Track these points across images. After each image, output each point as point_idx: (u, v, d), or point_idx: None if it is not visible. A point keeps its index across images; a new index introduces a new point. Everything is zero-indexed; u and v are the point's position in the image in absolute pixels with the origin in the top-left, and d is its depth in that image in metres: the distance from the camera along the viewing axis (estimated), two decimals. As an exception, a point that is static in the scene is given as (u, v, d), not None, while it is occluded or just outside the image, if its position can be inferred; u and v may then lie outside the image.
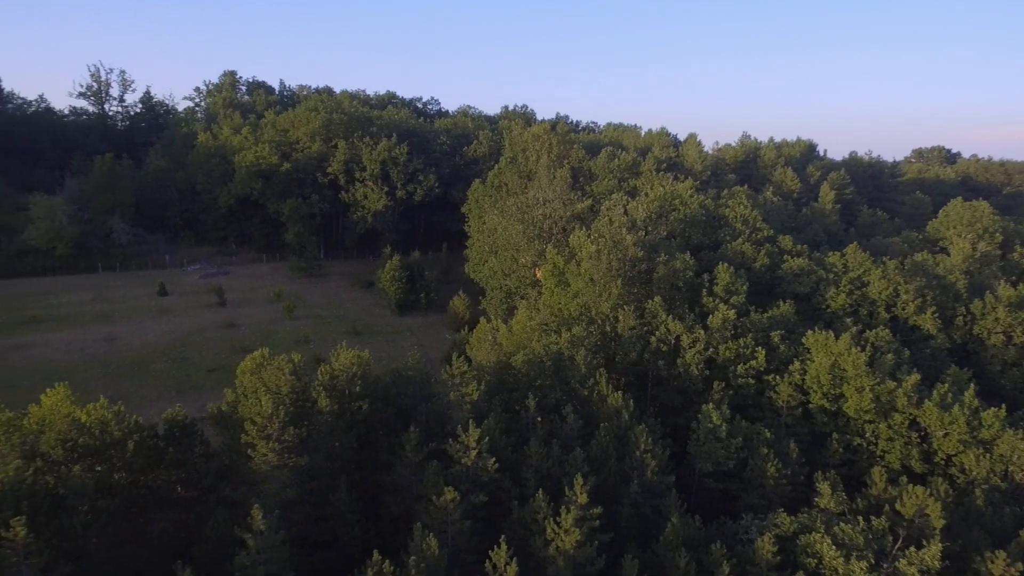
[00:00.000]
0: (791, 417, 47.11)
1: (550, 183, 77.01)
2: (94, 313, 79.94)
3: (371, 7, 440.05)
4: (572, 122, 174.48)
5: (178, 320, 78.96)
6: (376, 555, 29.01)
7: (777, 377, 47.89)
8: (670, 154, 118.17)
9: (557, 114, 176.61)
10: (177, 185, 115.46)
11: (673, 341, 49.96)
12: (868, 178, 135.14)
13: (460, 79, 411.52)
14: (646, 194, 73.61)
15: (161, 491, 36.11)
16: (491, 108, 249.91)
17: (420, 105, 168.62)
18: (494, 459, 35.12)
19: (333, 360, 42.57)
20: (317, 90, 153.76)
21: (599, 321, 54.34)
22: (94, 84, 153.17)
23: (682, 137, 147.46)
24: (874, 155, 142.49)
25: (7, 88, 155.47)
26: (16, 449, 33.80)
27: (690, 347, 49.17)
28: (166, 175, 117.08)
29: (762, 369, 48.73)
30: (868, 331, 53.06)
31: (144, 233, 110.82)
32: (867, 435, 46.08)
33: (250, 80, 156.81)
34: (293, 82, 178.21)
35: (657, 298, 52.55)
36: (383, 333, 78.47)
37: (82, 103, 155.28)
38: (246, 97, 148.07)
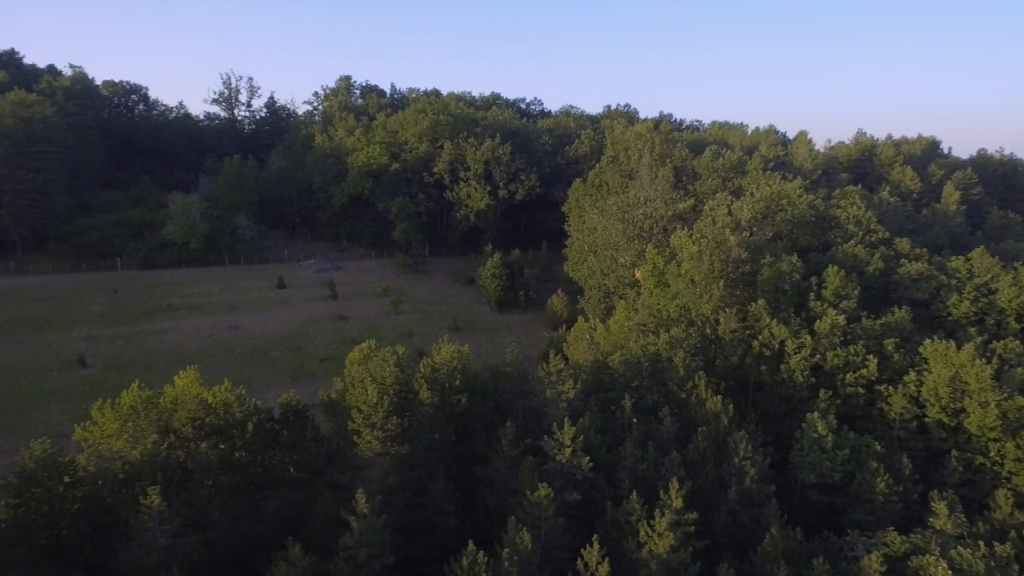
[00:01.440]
0: (904, 431, 44.13)
1: (652, 182, 75.63)
2: (221, 303, 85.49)
3: (477, 9, 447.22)
4: (675, 120, 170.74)
5: (294, 311, 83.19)
6: (471, 545, 29.46)
7: (890, 388, 44.95)
8: (778, 152, 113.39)
9: (660, 113, 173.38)
10: (296, 184, 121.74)
11: (777, 346, 47.92)
12: (999, 177, 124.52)
13: (563, 80, 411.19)
14: (751, 194, 70.93)
15: (275, 471, 38.07)
16: (593, 108, 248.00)
17: (523, 106, 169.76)
18: (588, 458, 34.88)
19: (435, 354, 43.54)
20: (425, 93, 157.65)
21: (699, 323, 52.87)
22: (225, 91, 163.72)
23: (791, 135, 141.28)
24: (1006, 153, 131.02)
25: (153, 96, 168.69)
26: (153, 425, 36.51)
27: (795, 353, 47.01)
28: (286, 175, 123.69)
29: (873, 379, 45.87)
30: (995, 342, 48.92)
31: (266, 229, 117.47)
32: (991, 454, 42.42)
33: (363, 84, 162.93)
34: (403, 85, 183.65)
35: (761, 301, 50.53)
36: (483, 329, 79.62)
37: (215, 109, 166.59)
38: (359, 101, 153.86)
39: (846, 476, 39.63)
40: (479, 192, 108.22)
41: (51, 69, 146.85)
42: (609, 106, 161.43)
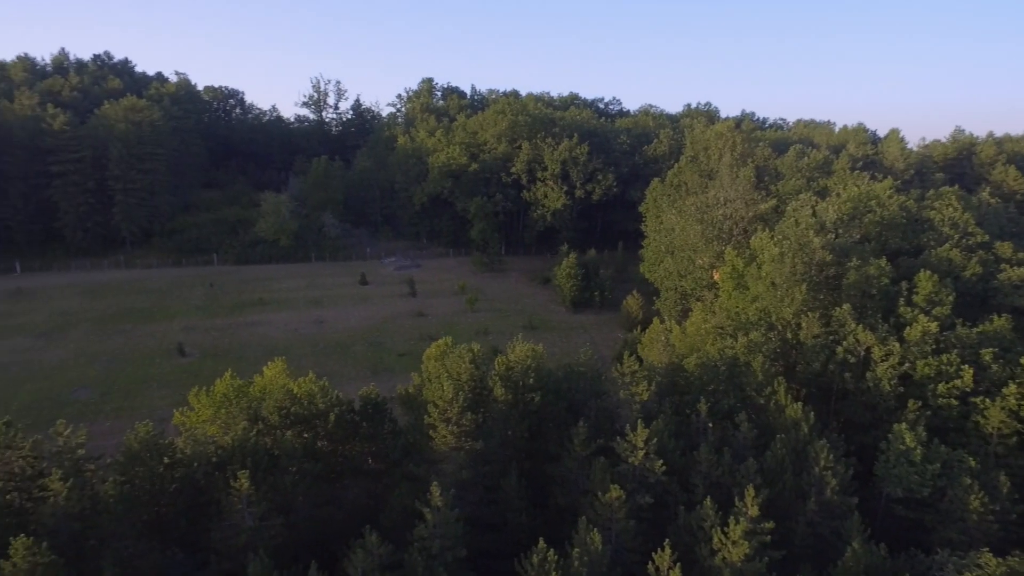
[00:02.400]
0: (1003, 446, 41.30)
1: (732, 182, 73.64)
2: (307, 298, 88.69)
3: (556, 10, 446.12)
4: (758, 119, 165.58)
5: (375, 307, 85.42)
6: (541, 543, 29.50)
7: (987, 400, 42.14)
8: (867, 151, 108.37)
9: (743, 111, 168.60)
10: (379, 184, 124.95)
11: (862, 353, 45.80)
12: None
13: (642, 78, 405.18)
14: (838, 194, 68.04)
15: (355, 461, 39.18)
16: (673, 107, 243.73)
17: (602, 105, 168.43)
18: (662, 461, 34.32)
19: (509, 352, 43.78)
20: (504, 93, 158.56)
21: (779, 327, 51.14)
22: (315, 94, 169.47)
23: (882, 133, 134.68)
24: None
25: (248, 101, 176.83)
26: (243, 412, 38.27)
27: (882, 360, 44.78)
28: (370, 175, 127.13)
29: (968, 390, 43.12)
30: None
31: (350, 227, 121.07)
32: (1099, 474, 39.32)
33: (445, 86, 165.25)
34: (483, 87, 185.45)
35: (846, 305, 48.40)
36: (557, 329, 79.55)
37: (305, 112, 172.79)
38: (441, 102, 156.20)
39: (936, 492, 37.45)
40: (556, 192, 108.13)
41: (159, 76, 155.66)
42: (689, 105, 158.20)
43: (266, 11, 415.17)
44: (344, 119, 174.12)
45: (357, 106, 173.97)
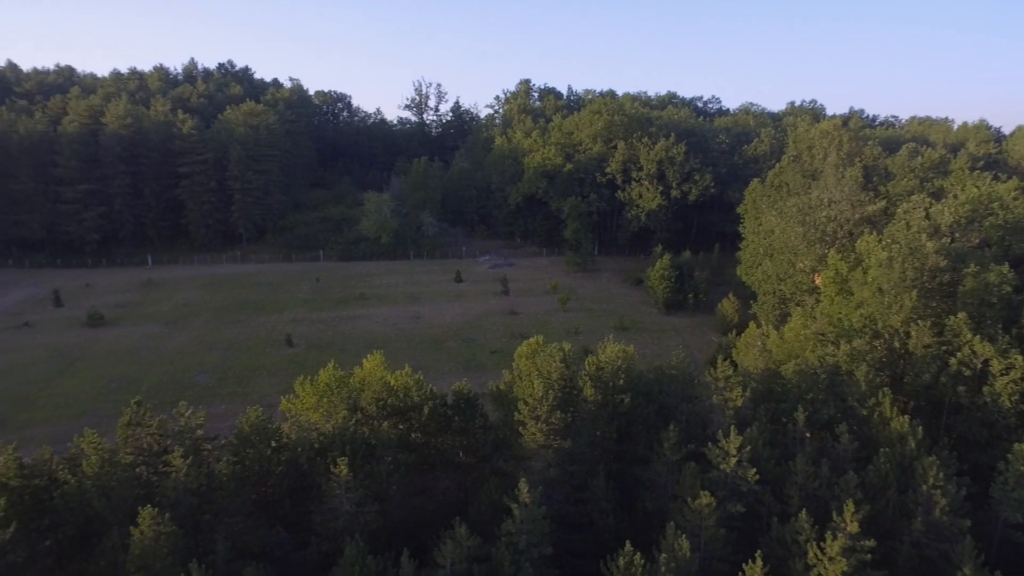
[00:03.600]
0: None
1: (837, 183, 70.04)
2: (405, 294, 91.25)
3: (655, 8, 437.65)
4: (867, 116, 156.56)
5: (469, 305, 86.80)
6: (628, 546, 29.11)
7: (1125, 421, 38.28)
8: (990, 150, 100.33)
9: (851, 108, 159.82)
10: (475, 184, 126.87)
11: (979, 365, 42.46)
12: None
13: (743, 76, 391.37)
14: (955, 196, 63.38)
15: (446, 454, 39.97)
16: (775, 104, 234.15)
17: (700, 104, 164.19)
18: (755, 470, 33.10)
19: (600, 352, 43.42)
20: (601, 94, 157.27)
21: (886, 336, 48.19)
22: (417, 97, 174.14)
23: (1007, 130, 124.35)
24: None
25: (355, 104, 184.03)
26: (344, 402, 39.84)
27: (1002, 374, 41.35)
28: (467, 175, 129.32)
29: (1100, 409, 39.29)
30: None
31: (447, 226, 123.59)
32: None
33: (542, 87, 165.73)
34: (580, 87, 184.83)
35: (962, 314, 45.00)
36: (649, 330, 78.21)
37: (407, 114, 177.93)
38: (537, 103, 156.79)
39: (1061, 518, 34.29)
40: (651, 192, 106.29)
41: (275, 83, 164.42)
42: (793, 103, 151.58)
43: (374, 18, 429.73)
44: (444, 121, 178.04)
45: (456, 108, 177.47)
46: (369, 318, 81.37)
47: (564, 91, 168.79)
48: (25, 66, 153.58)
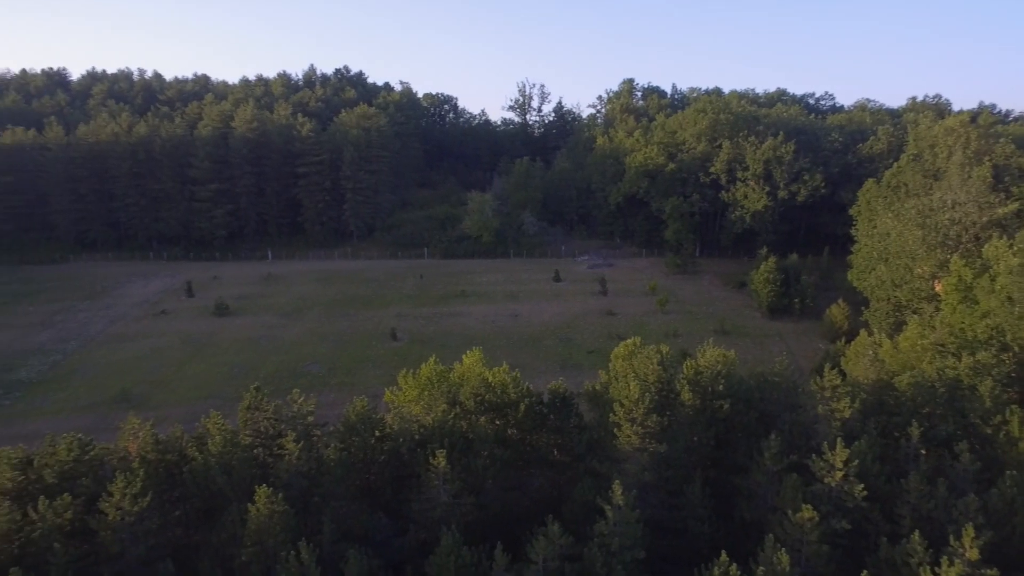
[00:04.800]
0: None
1: (963, 183, 64.88)
2: (504, 292, 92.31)
3: (763, 3, 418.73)
4: (999, 111, 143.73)
5: (567, 304, 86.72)
6: (724, 556, 28.22)
7: None
8: None
9: (980, 103, 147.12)
10: (576, 184, 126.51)
11: (1125, 385, 38.27)
12: None
13: (859, 71, 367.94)
14: (1102, 199, 57.36)
15: (541, 451, 40.13)
16: (894, 100, 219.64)
17: (812, 101, 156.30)
18: (863, 486, 31.22)
19: (699, 356, 42.33)
20: (706, 92, 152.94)
21: (1016, 348, 44.24)
22: (520, 98, 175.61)
23: None
24: None
25: (461, 106, 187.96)
26: (443, 396, 40.78)
27: None
28: (568, 175, 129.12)
29: None
30: None
31: (547, 226, 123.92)
32: None
33: (645, 86, 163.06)
34: (685, 85, 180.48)
35: (1106, 329, 40.76)
36: (751, 335, 75.36)
37: (510, 115, 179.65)
38: (640, 102, 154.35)
39: None
40: (757, 193, 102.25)
41: (386, 86, 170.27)
42: (914, 98, 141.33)
43: (482, 20, 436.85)
44: (546, 121, 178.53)
45: (559, 108, 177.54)
46: (469, 315, 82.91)
47: (668, 90, 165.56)
48: (168, 75, 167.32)
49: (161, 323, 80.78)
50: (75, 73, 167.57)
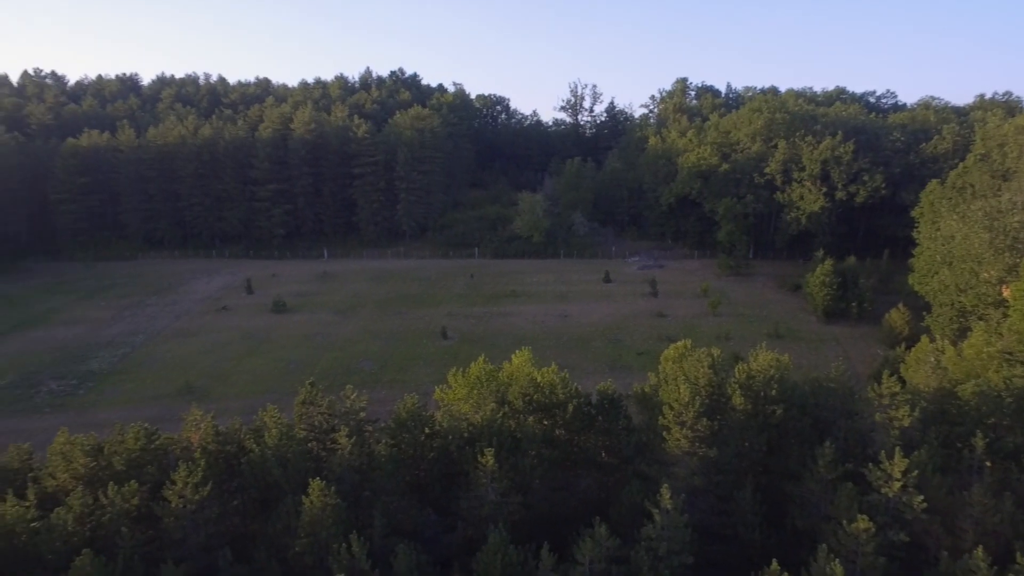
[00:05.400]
0: None
1: (1035, 185, 61.73)
2: (554, 293, 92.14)
3: (820, 1, 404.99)
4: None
5: (616, 305, 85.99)
6: (775, 564, 27.59)
7: None
8: None
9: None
10: (628, 184, 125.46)
11: None
12: None
13: (923, 67, 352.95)
14: None
15: (588, 453, 39.92)
16: (961, 98, 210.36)
17: (872, 99, 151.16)
18: (922, 497, 30.08)
19: (751, 360, 41.46)
20: (762, 91, 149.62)
21: (1090, 358, 41.93)
22: (572, 99, 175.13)
23: None
24: None
25: (512, 107, 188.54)
26: (492, 395, 40.97)
27: None
28: (619, 175, 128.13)
29: None
30: None
31: (598, 226, 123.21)
32: None
33: (699, 85, 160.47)
34: (740, 84, 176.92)
35: None
36: (805, 339, 73.28)
37: (562, 115, 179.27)
38: (694, 102, 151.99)
39: None
40: (813, 194, 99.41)
41: (440, 87, 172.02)
42: (983, 95, 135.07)
43: (534, 20, 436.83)
44: (598, 121, 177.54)
45: (611, 108, 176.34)
46: (519, 315, 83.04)
47: (722, 89, 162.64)
48: (231, 79, 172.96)
49: (222, 319, 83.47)
50: (146, 78, 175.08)
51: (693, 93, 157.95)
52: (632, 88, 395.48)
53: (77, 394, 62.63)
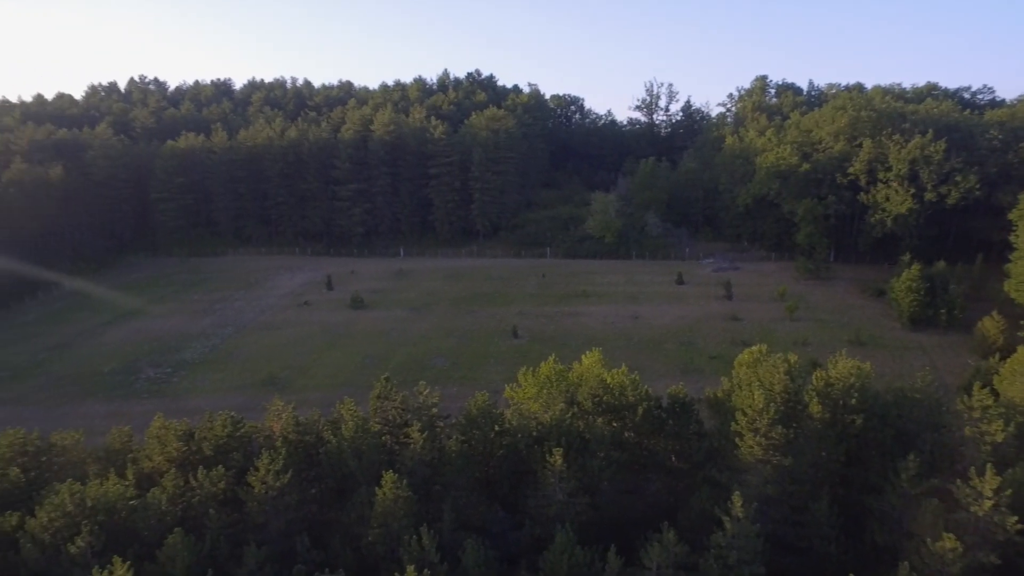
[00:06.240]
0: None
1: None
2: (625, 294, 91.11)
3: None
4: None
5: (689, 308, 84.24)
6: (852, 580, 26.50)
7: None
8: None
9: None
10: (703, 185, 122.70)
11: None
12: None
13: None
14: None
15: (658, 457, 39.33)
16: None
17: (967, 95, 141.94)
18: (1016, 518, 28.21)
19: (830, 367, 39.91)
20: (846, 87, 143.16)
21: None
22: (647, 98, 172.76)
23: None
24: None
25: (587, 106, 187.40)
26: (561, 395, 40.96)
27: None
28: (695, 175, 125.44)
29: None
30: None
31: (671, 227, 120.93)
32: None
33: (779, 83, 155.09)
34: (823, 81, 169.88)
35: None
36: (889, 347, 69.68)
37: (636, 115, 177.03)
38: (774, 100, 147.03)
39: None
40: (900, 195, 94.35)
41: (515, 88, 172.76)
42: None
43: (611, 20, 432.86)
44: (673, 121, 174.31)
45: (687, 107, 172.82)
46: (589, 315, 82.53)
47: (804, 86, 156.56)
48: (316, 83, 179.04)
49: (304, 314, 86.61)
50: (238, 82, 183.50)
51: (773, 91, 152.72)
52: (709, 86, 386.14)
53: (171, 381, 66.37)
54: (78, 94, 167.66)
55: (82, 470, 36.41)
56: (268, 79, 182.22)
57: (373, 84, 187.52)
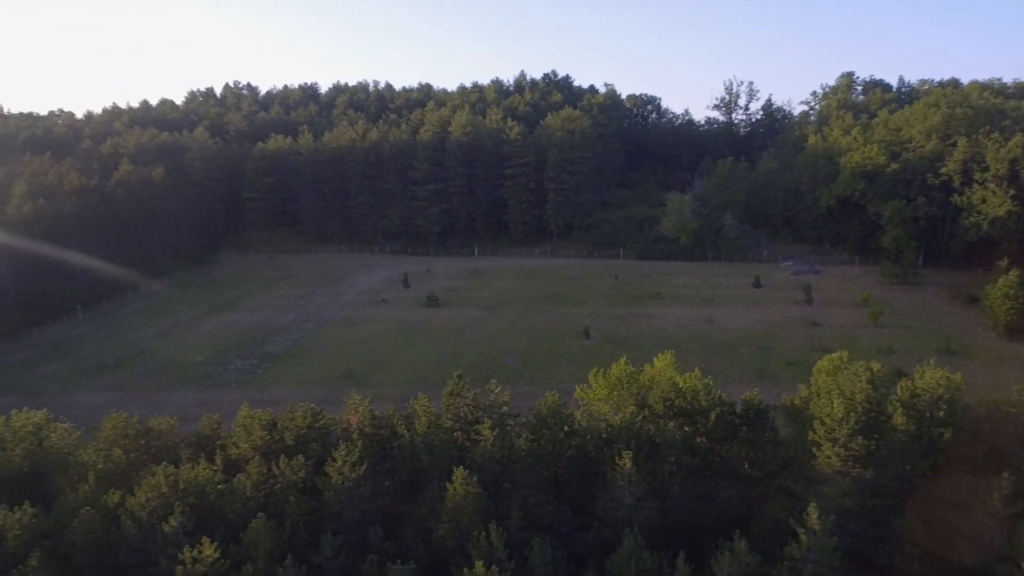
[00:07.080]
0: None
1: None
2: (699, 296, 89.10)
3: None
4: None
5: (766, 311, 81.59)
6: (936, 602, 25.14)
7: None
8: None
9: None
10: (783, 185, 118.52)
11: None
12: None
13: None
14: None
15: (730, 463, 38.39)
16: None
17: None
18: (1124, 547, 26.09)
19: (916, 377, 37.95)
20: (940, 83, 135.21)
21: None
22: (726, 96, 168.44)
23: None
24: None
25: (664, 106, 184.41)
26: (632, 397, 40.51)
27: None
28: (775, 176, 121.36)
29: None
30: None
31: (749, 228, 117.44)
32: None
33: (867, 80, 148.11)
34: (914, 77, 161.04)
35: None
36: (982, 357, 65.31)
37: (715, 114, 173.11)
38: (861, 97, 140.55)
39: None
40: (998, 196, 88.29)
41: (591, 88, 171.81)
42: None
43: (689, 18, 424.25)
44: (753, 120, 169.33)
45: (768, 106, 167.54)
46: (662, 317, 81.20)
47: (894, 83, 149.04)
48: (397, 86, 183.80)
49: (381, 310, 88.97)
50: (324, 87, 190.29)
51: (860, 88, 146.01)
52: (791, 84, 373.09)
53: (257, 373, 69.55)
54: (179, 99, 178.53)
55: (176, 454, 38.75)
56: (352, 83, 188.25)
57: (451, 86, 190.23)
